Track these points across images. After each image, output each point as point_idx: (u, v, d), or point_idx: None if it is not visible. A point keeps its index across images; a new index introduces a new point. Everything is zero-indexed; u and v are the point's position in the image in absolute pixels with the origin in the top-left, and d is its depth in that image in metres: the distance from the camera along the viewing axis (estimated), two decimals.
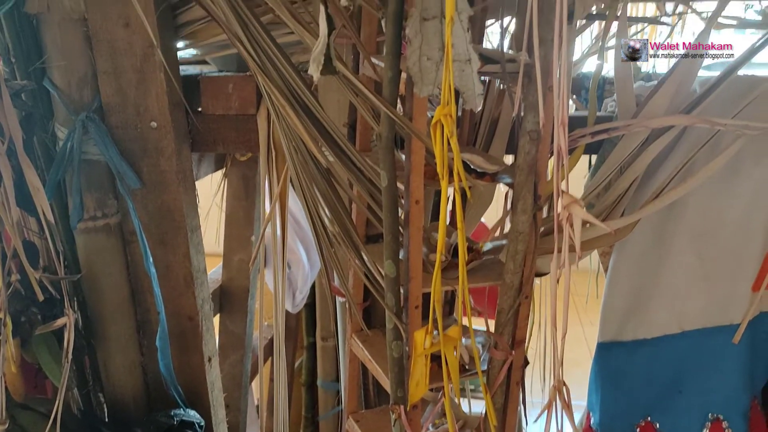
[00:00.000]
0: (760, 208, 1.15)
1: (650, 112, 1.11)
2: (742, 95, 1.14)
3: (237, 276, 1.95)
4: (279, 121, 0.95)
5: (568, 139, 1.16)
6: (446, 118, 0.76)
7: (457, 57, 0.81)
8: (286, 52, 0.94)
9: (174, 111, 1.24)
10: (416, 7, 0.78)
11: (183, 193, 1.29)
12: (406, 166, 0.91)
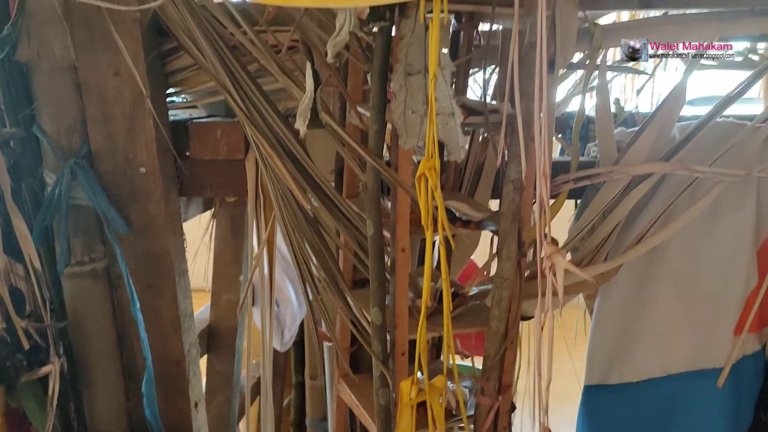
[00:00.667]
0: (740, 253, 1.17)
1: (631, 158, 1.13)
2: (721, 141, 1.17)
3: (225, 316, 1.94)
4: (266, 170, 0.96)
5: (552, 185, 1.19)
6: (430, 171, 0.78)
7: (440, 110, 0.83)
8: (273, 98, 0.96)
9: (162, 156, 1.25)
10: (400, 62, 0.81)
11: (171, 237, 1.29)
12: (392, 214, 0.92)
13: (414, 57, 0.81)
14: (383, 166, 0.86)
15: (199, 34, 0.95)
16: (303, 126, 0.78)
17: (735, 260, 1.17)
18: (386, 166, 0.87)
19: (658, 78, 2.77)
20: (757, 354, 1.24)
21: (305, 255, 0.98)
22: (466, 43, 1.11)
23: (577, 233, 1.21)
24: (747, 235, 1.17)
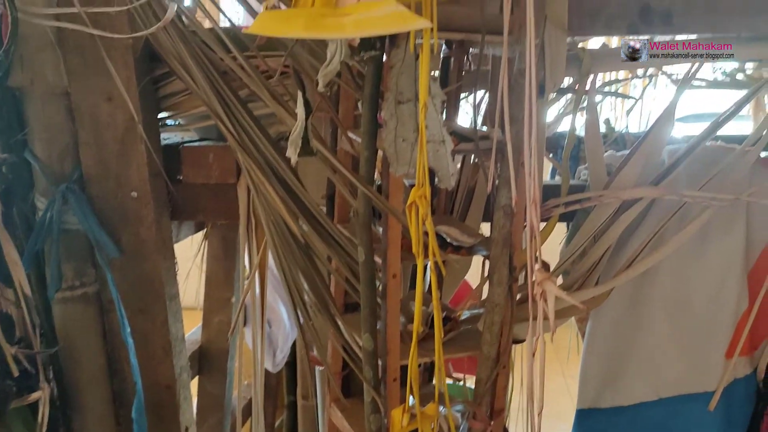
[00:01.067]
0: (730, 276, 1.17)
1: (620, 183, 1.14)
2: (709, 166, 1.18)
3: (216, 337, 1.93)
4: (257, 195, 0.96)
5: (542, 209, 1.19)
6: (421, 199, 0.78)
7: (431, 138, 0.84)
8: (265, 122, 0.97)
9: (154, 181, 1.25)
10: (391, 91, 0.81)
11: (162, 261, 1.29)
12: (383, 240, 0.93)
13: (404, 85, 0.82)
14: (374, 194, 0.86)
15: (190, 61, 0.95)
16: (294, 154, 0.79)
17: (725, 284, 1.18)
18: (377, 193, 0.87)
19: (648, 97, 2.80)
20: (748, 377, 1.24)
21: (296, 280, 0.98)
22: (457, 69, 1.12)
23: (568, 257, 1.21)
24: (737, 259, 1.18)
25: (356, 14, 0.70)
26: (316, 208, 0.95)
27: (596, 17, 1.11)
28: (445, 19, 0.94)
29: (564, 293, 0.82)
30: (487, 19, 0.92)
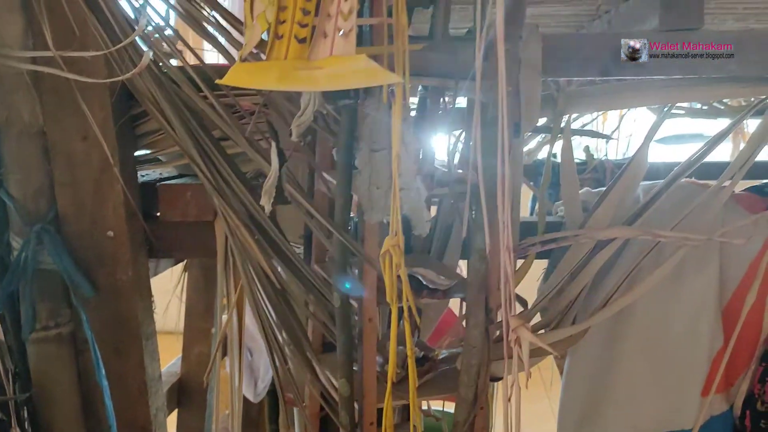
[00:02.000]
0: (704, 315, 1.18)
1: (596, 222, 1.15)
2: (683, 204, 1.19)
3: (196, 369, 1.92)
4: (233, 239, 0.96)
5: (519, 247, 1.20)
6: (394, 248, 0.78)
7: (405, 185, 0.84)
8: (242, 158, 0.97)
9: (131, 219, 1.24)
10: (365, 140, 0.82)
11: (138, 300, 1.28)
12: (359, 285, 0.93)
13: (378, 134, 0.82)
14: (349, 240, 0.87)
15: (165, 104, 0.95)
16: (268, 204, 0.79)
17: (700, 322, 1.19)
18: (352, 240, 0.87)
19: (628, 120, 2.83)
20: (725, 414, 1.25)
21: (272, 323, 0.98)
22: (434, 109, 1.13)
23: (545, 294, 1.22)
24: (711, 297, 1.19)
25: (329, 68, 0.71)
26: (291, 251, 0.95)
27: (570, 61, 1.12)
28: (419, 64, 0.95)
29: (538, 339, 0.82)
30: (461, 65, 0.93)
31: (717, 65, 1.11)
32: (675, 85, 1.14)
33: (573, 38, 1.17)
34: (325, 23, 0.72)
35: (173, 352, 1.95)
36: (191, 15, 0.93)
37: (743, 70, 1.10)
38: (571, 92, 1.19)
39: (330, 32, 0.72)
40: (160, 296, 1.73)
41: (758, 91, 1.14)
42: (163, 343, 1.88)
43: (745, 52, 1.09)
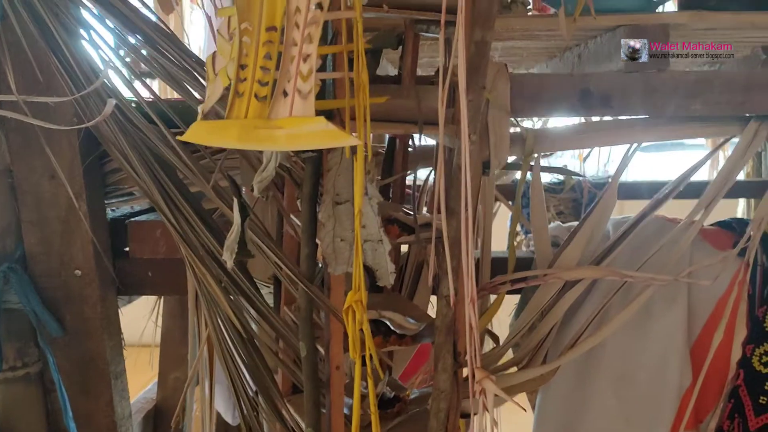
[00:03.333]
0: (673, 352, 1.19)
1: (565, 261, 1.16)
2: (652, 241, 1.20)
3: (173, 395, 1.90)
4: (200, 287, 0.95)
5: (489, 285, 1.20)
6: (357, 304, 0.78)
7: (369, 237, 0.84)
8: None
9: (99, 257, 1.23)
10: (328, 193, 0.82)
11: (107, 339, 1.27)
12: (326, 333, 0.92)
13: (342, 187, 0.82)
14: (315, 291, 0.86)
15: (130, 151, 0.95)
16: (230, 260, 0.78)
17: (668, 360, 1.19)
18: (318, 290, 0.87)
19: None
20: None
21: (239, 370, 0.97)
22: (402, 152, 1.13)
23: (517, 332, 1.22)
24: (679, 334, 1.20)
25: (289, 128, 0.71)
26: (259, 297, 0.94)
27: (538, 100, 1.13)
28: (384, 111, 0.96)
29: (503, 392, 0.82)
30: (426, 111, 0.93)
31: (682, 105, 1.12)
32: (641, 125, 1.15)
33: (541, 78, 1.17)
34: (285, 82, 0.72)
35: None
36: (158, 63, 0.92)
37: (708, 110, 1.11)
38: (540, 131, 1.20)
39: (290, 91, 0.72)
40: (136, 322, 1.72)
41: (722, 131, 1.16)
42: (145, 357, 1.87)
43: (709, 93, 1.11)
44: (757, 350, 1.20)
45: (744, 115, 1.13)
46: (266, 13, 0.73)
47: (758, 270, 1.22)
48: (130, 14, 0.92)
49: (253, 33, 0.73)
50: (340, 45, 0.78)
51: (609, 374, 1.21)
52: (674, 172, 1.24)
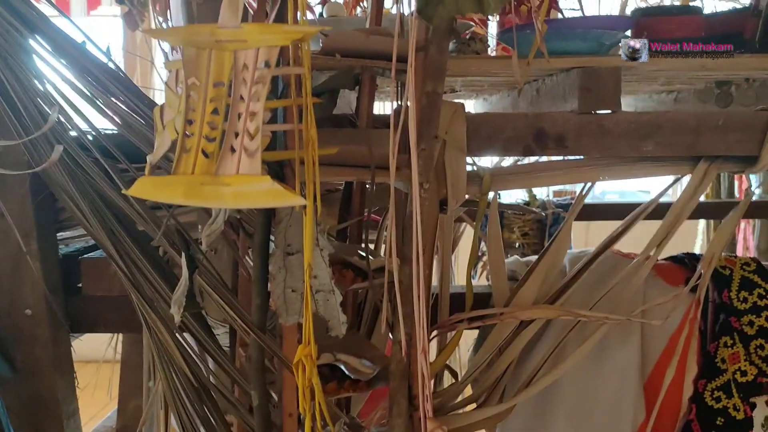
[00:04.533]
0: (627, 389, 1.20)
1: (522, 299, 1.16)
2: (607, 277, 1.21)
3: (132, 424, 1.86)
4: (151, 335, 0.94)
5: (447, 323, 1.20)
6: (307, 358, 0.77)
7: (321, 288, 0.84)
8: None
9: (51, 296, 1.21)
10: (279, 245, 0.81)
11: (59, 378, 1.24)
12: (278, 381, 0.91)
13: (293, 238, 0.82)
14: (266, 342, 0.85)
15: (78, 198, 0.93)
16: (177, 315, 0.77)
17: (623, 395, 1.21)
18: (270, 341, 0.86)
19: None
20: None
21: (191, 419, 0.96)
22: (359, 194, 1.13)
23: (475, 368, 1.22)
24: (633, 371, 1.21)
25: (235, 186, 0.70)
26: (213, 345, 0.93)
27: (493, 140, 1.14)
28: (337, 156, 0.96)
29: None
30: (379, 158, 0.93)
31: (634, 146, 1.14)
32: (595, 165, 1.16)
33: (497, 118, 1.18)
34: (232, 138, 0.72)
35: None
36: (109, 108, 0.91)
37: (659, 151, 1.13)
38: (497, 170, 1.21)
39: (237, 147, 0.71)
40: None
41: (673, 171, 1.18)
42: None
43: (660, 134, 1.13)
44: (709, 385, 1.22)
45: (694, 155, 1.15)
46: (214, 68, 0.73)
47: (710, 306, 1.24)
48: (82, 58, 0.90)
49: (200, 88, 0.73)
50: (290, 99, 0.78)
51: (566, 410, 1.22)
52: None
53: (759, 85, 1.47)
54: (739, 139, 1.14)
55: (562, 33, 1.16)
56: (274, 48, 0.70)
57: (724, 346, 1.22)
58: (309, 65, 0.73)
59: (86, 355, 1.63)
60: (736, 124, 1.14)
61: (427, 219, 0.98)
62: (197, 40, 0.72)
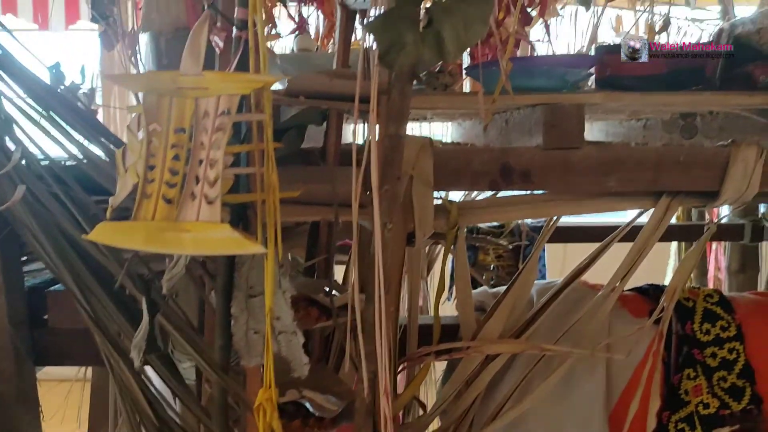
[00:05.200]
0: (592, 421, 1.22)
1: (489, 332, 1.17)
2: (574, 308, 1.23)
3: None
4: (113, 375, 0.93)
5: (415, 356, 1.21)
6: (267, 402, 0.78)
7: (283, 329, 0.84)
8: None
9: (16, 329, 1.20)
10: (240, 288, 0.81)
11: (23, 413, 1.22)
12: (242, 421, 0.91)
13: (255, 280, 0.82)
14: (229, 383, 0.85)
15: (41, 235, 0.93)
16: (137, 359, 0.77)
17: (588, 428, 1.22)
18: (232, 382, 0.86)
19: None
20: None
21: None
22: (327, 226, 1.13)
23: (443, 400, 1.23)
24: (598, 403, 1.23)
25: (195, 232, 0.71)
26: (177, 385, 0.93)
27: (460, 174, 1.15)
28: (301, 195, 0.96)
29: None
30: (344, 196, 0.94)
31: (598, 181, 1.16)
32: (560, 199, 1.18)
33: (464, 153, 1.20)
34: (193, 185, 0.72)
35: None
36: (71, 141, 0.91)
37: (621, 186, 1.16)
38: (464, 204, 1.22)
39: (198, 194, 0.72)
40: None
41: (636, 205, 1.20)
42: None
43: (623, 170, 1.15)
44: (673, 417, 1.24)
45: (656, 191, 1.17)
46: (175, 114, 0.73)
47: (673, 338, 1.26)
48: (42, 91, 0.90)
49: (161, 134, 0.73)
50: (252, 144, 0.78)
51: None
52: None
53: (723, 118, 1.50)
54: (700, 175, 1.16)
55: (527, 70, 1.18)
56: (234, 96, 0.71)
57: (688, 378, 1.24)
58: (270, 112, 0.74)
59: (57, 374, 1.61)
60: (696, 159, 1.16)
61: (392, 257, 0.99)
62: (158, 87, 0.73)
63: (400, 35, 0.77)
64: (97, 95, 2.74)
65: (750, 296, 1.35)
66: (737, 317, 1.26)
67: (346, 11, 1.03)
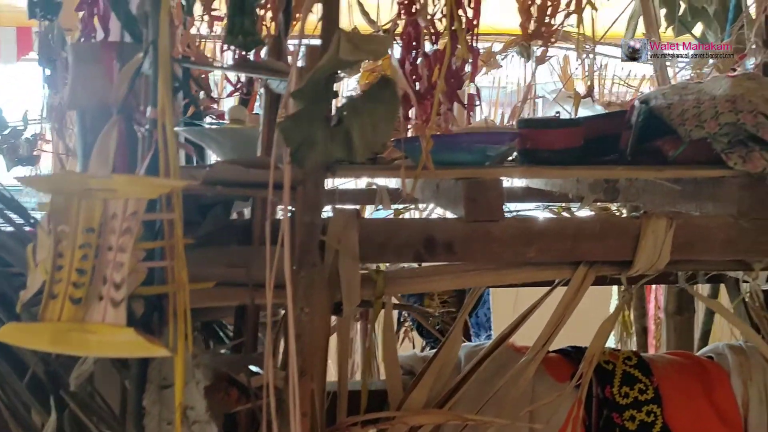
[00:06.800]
0: None
1: (415, 400, 1.19)
2: (500, 372, 1.26)
3: None
4: None
5: (343, 425, 1.22)
6: None
7: (197, 418, 0.85)
8: None
9: None
10: (152, 381, 0.82)
11: None
12: None
13: (168, 371, 0.83)
14: None
15: None
16: None
17: None
18: None
19: None
20: None
21: None
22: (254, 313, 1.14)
23: None
24: None
25: (100, 335, 0.71)
26: None
27: (385, 247, 1.18)
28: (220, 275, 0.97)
29: None
30: (255, 278, 0.95)
31: (518, 252, 1.20)
32: (482, 269, 1.22)
33: (389, 225, 1.23)
34: (100, 285, 0.73)
35: None
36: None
37: (541, 256, 1.20)
38: (390, 273, 1.25)
39: (105, 295, 0.73)
40: None
41: (555, 274, 1.24)
42: None
43: (542, 241, 1.19)
44: None
45: (573, 260, 1.22)
46: (84, 215, 0.74)
47: (594, 401, 1.30)
48: None
49: (69, 235, 0.74)
50: (163, 241, 0.80)
51: None
52: None
53: (643, 182, 1.56)
54: (614, 245, 1.21)
55: (449, 146, 1.22)
56: (142, 199, 0.73)
57: None
58: (180, 212, 0.75)
59: None
60: (611, 230, 1.21)
61: (314, 335, 1.01)
62: (66, 188, 0.74)
63: (311, 133, 0.80)
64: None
65: (667, 357, 1.40)
66: (654, 380, 1.31)
67: (270, 94, 1.06)
